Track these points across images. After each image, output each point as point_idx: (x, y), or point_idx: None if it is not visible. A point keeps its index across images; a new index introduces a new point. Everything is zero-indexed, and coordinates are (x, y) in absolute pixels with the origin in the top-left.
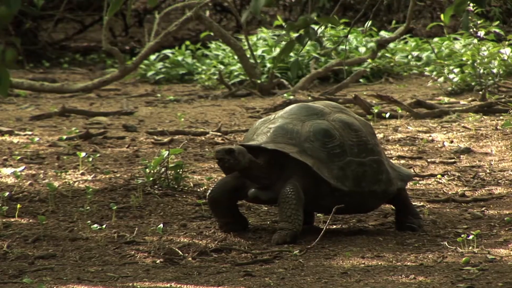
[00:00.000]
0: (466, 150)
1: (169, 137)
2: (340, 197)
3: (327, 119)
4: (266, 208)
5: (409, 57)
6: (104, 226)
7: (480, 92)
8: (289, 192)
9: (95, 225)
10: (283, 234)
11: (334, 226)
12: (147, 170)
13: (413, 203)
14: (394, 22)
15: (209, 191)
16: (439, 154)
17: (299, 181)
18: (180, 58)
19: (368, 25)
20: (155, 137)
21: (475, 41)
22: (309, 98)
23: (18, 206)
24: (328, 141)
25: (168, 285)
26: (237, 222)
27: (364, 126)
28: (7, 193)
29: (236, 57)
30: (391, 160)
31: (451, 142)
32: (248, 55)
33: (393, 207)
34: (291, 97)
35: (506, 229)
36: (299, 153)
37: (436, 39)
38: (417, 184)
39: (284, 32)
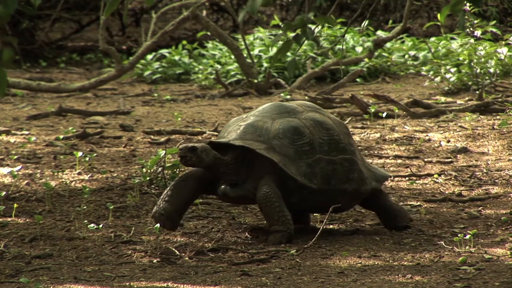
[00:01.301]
0: (463, 149)
1: (166, 137)
2: (309, 195)
3: (298, 117)
4: None
5: (406, 56)
6: (101, 226)
7: (477, 92)
8: (267, 195)
9: (92, 225)
10: (278, 236)
11: (331, 226)
12: (144, 170)
13: (410, 203)
14: (391, 21)
15: (184, 173)
16: (436, 153)
17: (271, 179)
18: (177, 57)
19: (365, 25)
20: (152, 136)
21: (472, 40)
22: (306, 97)
23: (15, 205)
24: (297, 138)
25: (165, 284)
26: (175, 219)
27: (338, 126)
28: (4, 193)
29: (233, 56)
30: (367, 161)
31: (448, 141)
32: (245, 55)
33: (375, 211)
34: (288, 96)
35: (503, 228)
36: (266, 150)
37: (433, 39)
38: (414, 184)
39: (281, 31)
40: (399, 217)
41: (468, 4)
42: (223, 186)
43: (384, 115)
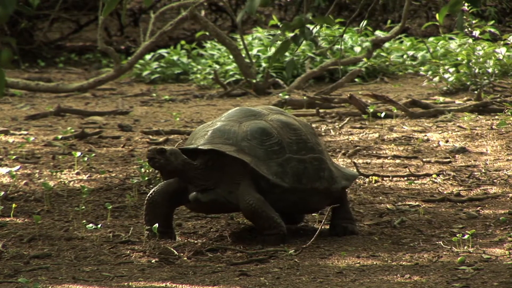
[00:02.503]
0: (462, 149)
1: (164, 137)
2: (281, 194)
3: (264, 119)
4: None
5: (405, 56)
6: (99, 226)
7: (476, 92)
8: (251, 206)
9: (91, 225)
10: (272, 239)
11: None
12: (143, 170)
13: (409, 203)
14: (389, 21)
15: (150, 192)
16: (435, 153)
17: (248, 185)
18: (175, 57)
19: (364, 25)
20: (151, 136)
21: (470, 40)
22: (304, 97)
23: (14, 205)
24: (266, 139)
25: (164, 284)
26: (168, 232)
27: (304, 126)
28: (2, 193)
29: (231, 56)
30: (335, 161)
31: (447, 141)
32: (244, 55)
33: (332, 209)
34: (286, 96)
35: (501, 228)
36: (236, 152)
37: (431, 39)
38: (413, 184)
39: (279, 31)
40: (350, 221)
41: (466, 4)
42: (194, 193)
43: (382, 115)
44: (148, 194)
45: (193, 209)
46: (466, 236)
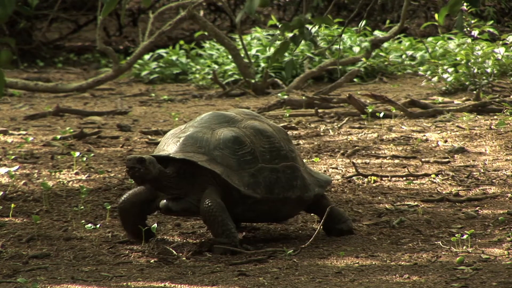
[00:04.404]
0: (460, 149)
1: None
2: (253, 205)
3: (237, 127)
4: None
5: (403, 56)
6: (98, 226)
7: (474, 92)
8: (209, 208)
9: (89, 225)
10: (222, 249)
11: None
12: None
13: (408, 203)
14: (388, 21)
15: (120, 200)
16: (433, 153)
17: (214, 191)
18: (174, 57)
19: (362, 25)
20: (149, 136)
21: (469, 40)
22: (303, 97)
23: (12, 205)
24: (238, 148)
25: (162, 284)
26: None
27: (278, 133)
28: (1, 193)
29: (230, 56)
30: (308, 166)
31: (445, 141)
32: (242, 55)
33: (319, 216)
34: (285, 96)
35: (500, 228)
36: (208, 162)
37: (430, 39)
38: (411, 184)
39: (278, 32)
40: (343, 221)
41: (465, 4)
42: (165, 201)
43: (381, 115)
44: (119, 202)
45: (164, 214)
46: (465, 236)
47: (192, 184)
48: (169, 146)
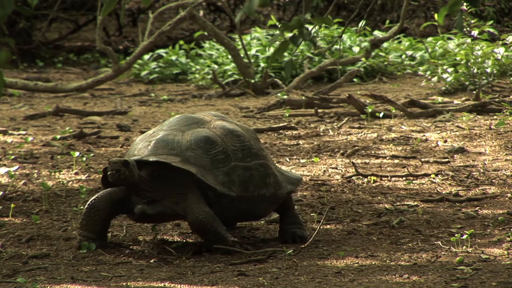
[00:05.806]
0: (460, 149)
1: None
2: (229, 203)
3: (207, 127)
4: None
5: (403, 56)
6: None
7: (474, 92)
8: (200, 220)
9: None
10: (219, 251)
11: (328, 226)
12: None
13: (407, 203)
14: (388, 21)
15: (92, 198)
16: (433, 153)
17: (196, 197)
18: (174, 57)
19: (362, 25)
20: None
21: (469, 40)
22: (303, 97)
23: (12, 205)
24: (211, 147)
25: (162, 284)
26: (100, 240)
27: (246, 132)
28: (1, 193)
29: (230, 56)
30: (279, 166)
31: (445, 141)
32: (242, 55)
33: (280, 214)
34: (285, 96)
35: (500, 228)
36: (182, 162)
37: (430, 39)
38: (411, 184)
39: (278, 32)
40: (300, 228)
41: (465, 4)
42: (140, 205)
43: (381, 115)
44: (91, 200)
45: (137, 220)
46: (464, 236)
47: (166, 186)
48: (140, 150)
